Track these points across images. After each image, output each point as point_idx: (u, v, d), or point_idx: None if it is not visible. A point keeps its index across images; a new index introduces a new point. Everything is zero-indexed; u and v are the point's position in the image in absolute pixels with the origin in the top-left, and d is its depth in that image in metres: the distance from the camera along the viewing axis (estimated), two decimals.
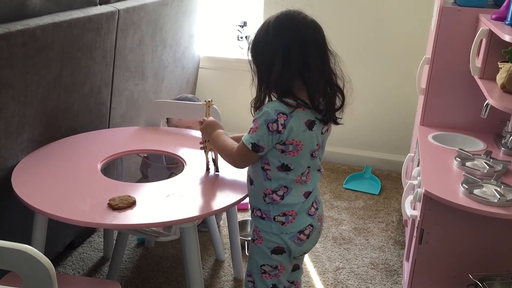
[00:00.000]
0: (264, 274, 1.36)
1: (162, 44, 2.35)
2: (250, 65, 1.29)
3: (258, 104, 1.28)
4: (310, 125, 1.25)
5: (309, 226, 1.33)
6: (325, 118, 1.27)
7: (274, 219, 1.30)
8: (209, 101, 1.51)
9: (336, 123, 1.32)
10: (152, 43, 2.24)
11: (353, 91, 1.30)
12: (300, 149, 1.25)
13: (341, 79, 1.29)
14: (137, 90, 2.20)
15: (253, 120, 1.24)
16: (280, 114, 1.21)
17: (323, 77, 1.25)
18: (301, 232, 1.32)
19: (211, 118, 1.46)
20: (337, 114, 1.31)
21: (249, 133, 1.25)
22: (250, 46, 1.29)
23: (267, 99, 1.27)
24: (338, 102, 1.29)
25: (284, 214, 1.30)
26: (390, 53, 2.71)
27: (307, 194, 1.32)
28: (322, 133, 1.30)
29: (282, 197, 1.29)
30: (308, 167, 1.30)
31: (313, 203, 1.35)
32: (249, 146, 1.24)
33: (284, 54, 1.21)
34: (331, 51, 1.28)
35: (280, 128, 1.21)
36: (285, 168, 1.27)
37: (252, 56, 1.29)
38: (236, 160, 1.32)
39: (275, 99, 1.25)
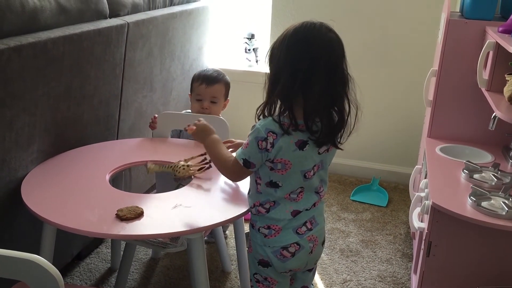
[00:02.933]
0: (257, 283, 1.37)
1: (171, 57, 2.38)
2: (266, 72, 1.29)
3: (261, 112, 1.27)
4: (301, 145, 1.23)
5: (295, 244, 1.29)
6: (319, 140, 1.23)
7: (258, 229, 1.31)
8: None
9: (336, 147, 1.29)
10: (161, 55, 2.27)
11: (360, 117, 1.26)
12: (289, 168, 1.24)
13: (354, 105, 1.25)
14: (145, 101, 2.22)
15: (248, 135, 1.25)
16: (270, 132, 1.21)
17: (325, 99, 1.21)
18: (284, 248, 1.29)
19: (203, 122, 1.43)
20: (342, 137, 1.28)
21: (241, 148, 1.27)
22: (269, 52, 1.27)
23: (272, 108, 1.25)
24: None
25: (269, 227, 1.30)
26: (398, 65, 2.72)
27: (295, 213, 1.29)
28: (319, 153, 1.27)
29: (268, 210, 1.29)
30: (301, 187, 1.28)
31: (305, 222, 1.31)
32: (241, 162, 1.26)
33: (291, 71, 1.20)
34: (345, 73, 1.24)
35: (269, 146, 1.21)
36: (273, 185, 1.27)
37: (268, 63, 1.28)
38: (231, 174, 1.34)
39: (271, 116, 1.23)
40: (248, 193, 1.37)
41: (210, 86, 1.96)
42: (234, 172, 1.32)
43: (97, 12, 1.79)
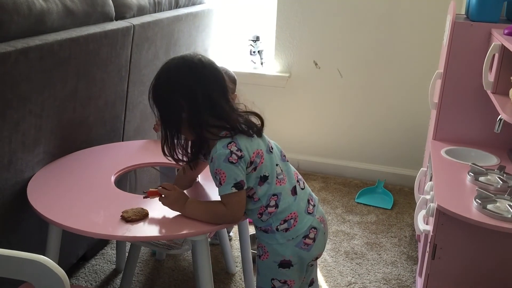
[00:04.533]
0: None
1: None
2: (153, 110, 1.31)
3: (196, 152, 1.33)
4: (250, 135, 1.30)
5: (313, 229, 1.34)
6: (254, 133, 1.30)
7: (277, 229, 1.31)
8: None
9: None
10: (166, 57, 2.27)
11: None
12: (262, 154, 1.29)
13: (245, 105, 1.35)
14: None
15: (215, 174, 1.26)
16: (229, 144, 1.24)
17: (232, 107, 1.30)
18: (306, 236, 1.32)
19: (172, 191, 1.33)
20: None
21: (220, 185, 1.25)
22: (151, 93, 1.30)
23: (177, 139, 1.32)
24: (257, 121, 1.33)
25: (285, 221, 1.31)
26: (403, 67, 2.72)
27: (293, 191, 1.34)
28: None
29: (277, 205, 1.30)
30: (276, 164, 1.32)
31: (308, 200, 1.37)
32: (233, 190, 1.24)
33: (190, 99, 1.25)
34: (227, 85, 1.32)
35: (239, 153, 1.24)
36: (264, 178, 1.29)
37: (155, 103, 1.30)
38: (234, 214, 1.28)
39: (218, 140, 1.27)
40: (245, 214, 1.33)
41: None
42: (236, 209, 1.28)
43: (103, 14, 1.80)
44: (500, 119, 1.69)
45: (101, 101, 1.83)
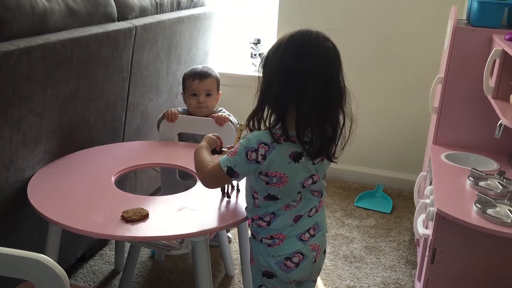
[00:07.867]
0: None
1: (177, 60, 2.39)
2: (259, 78, 1.25)
3: (251, 121, 1.23)
4: (296, 157, 1.20)
5: (298, 254, 1.26)
6: (310, 152, 1.20)
7: (261, 240, 1.28)
8: (241, 124, 1.46)
9: (330, 160, 1.27)
10: (167, 59, 2.28)
11: (355, 130, 1.24)
12: (286, 181, 1.21)
13: (349, 118, 1.23)
14: (151, 105, 2.23)
15: (238, 143, 1.22)
16: (262, 144, 1.17)
17: (318, 111, 1.17)
18: (288, 258, 1.25)
19: (210, 134, 1.43)
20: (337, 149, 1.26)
21: (228, 155, 1.22)
22: (263, 59, 1.25)
23: (261, 116, 1.22)
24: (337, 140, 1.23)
25: (272, 237, 1.26)
26: (404, 71, 2.72)
27: (297, 218, 1.26)
28: (314, 163, 1.23)
29: (269, 223, 1.26)
30: (299, 192, 1.25)
31: (309, 229, 1.28)
32: (225, 169, 1.21)
33: (284, 79, 1.16)
34: (341, 85, 1.21)
35: (260, 158, 1.17)
36: (272, 198, 1.24)
37: (262, 70, 1.25)
38: (207, 179, 1.29)
39: (264, 127, 1.21)
40: (246, 208, 1.34)
41: (203, 80, 2.00)
42: (212, 178, 1.27)
43: (105, 15, 1.80)
44: (501, 124, 1.69)
45: (102, 102, 1.83)
